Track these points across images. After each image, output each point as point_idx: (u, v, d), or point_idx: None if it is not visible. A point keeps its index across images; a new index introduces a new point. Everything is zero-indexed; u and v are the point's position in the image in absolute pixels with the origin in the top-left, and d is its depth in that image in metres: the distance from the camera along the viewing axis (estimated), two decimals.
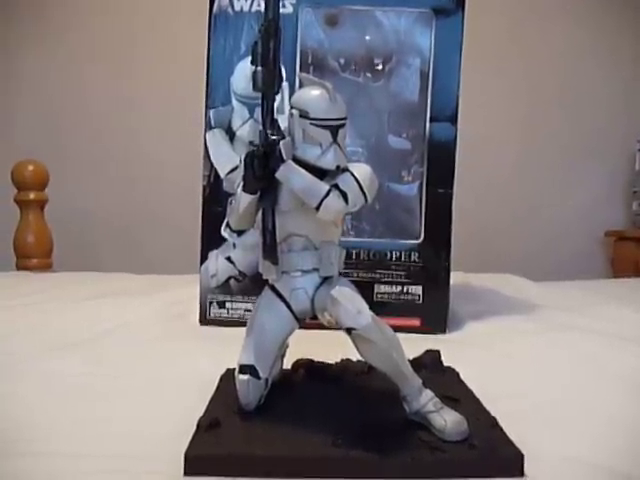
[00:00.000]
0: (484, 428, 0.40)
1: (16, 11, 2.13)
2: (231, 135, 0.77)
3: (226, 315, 0.78)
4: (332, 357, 0.52)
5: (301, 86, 0.44)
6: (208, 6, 0.78)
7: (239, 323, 0.71)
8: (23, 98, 2.17)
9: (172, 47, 2.09)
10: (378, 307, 0.42)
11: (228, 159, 0.76)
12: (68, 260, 1.54)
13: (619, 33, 2.15)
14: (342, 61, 0.78)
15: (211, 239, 0.78)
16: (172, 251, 1.83)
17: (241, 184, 0.42)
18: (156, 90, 2.14)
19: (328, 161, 0.41)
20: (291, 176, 0.41)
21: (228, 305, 0.78)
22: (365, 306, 0.41)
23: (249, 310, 0.75)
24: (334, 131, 0.41)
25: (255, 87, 0.42)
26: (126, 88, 2.15)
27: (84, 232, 2.11)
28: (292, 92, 0.72)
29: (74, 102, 2.15)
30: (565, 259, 2.10)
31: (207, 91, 0.78)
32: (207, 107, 0.78)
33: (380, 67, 0.78)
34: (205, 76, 0.78)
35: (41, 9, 2.14)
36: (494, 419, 0.42)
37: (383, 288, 0.77)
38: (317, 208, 0.40)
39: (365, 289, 0.49)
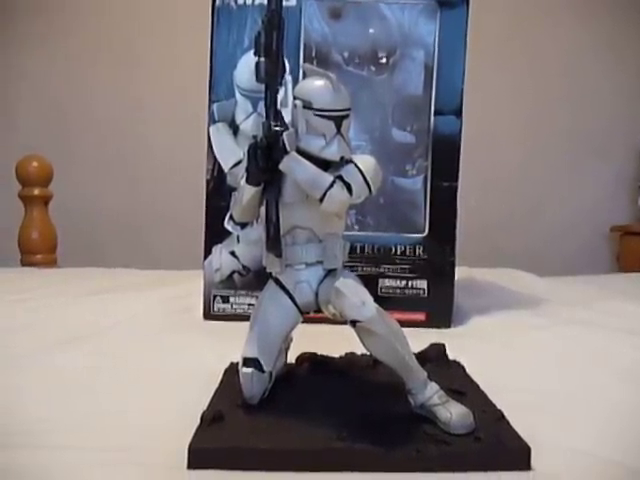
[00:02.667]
0: (490, 421, 0.40)
1: (19, 12, 2.13)
2: (234, 129, 0.77)
3: (230, 310, 0.78)
4: (336, 351, 0.52)
5: (305, 77, 0.44)
6: (211, 0, 0.77)
7: (243, 318, 0.70)
8: (28, 96, 2.18)
9: (175, 41, 2.09)
10: (383, 301, 0.42)
11: (232, 153, 0.76)
12: (72, 256, 1.55)
13: (624, 30, 2.14)
14: (346, 54, 0.77)
15: (215, 233, 0.77)
16: (176, 246, 1.83)
17: (244, 176, 0.42)
18: (159, 85, 2.14)
19: (332, 152, 0.41)
20: (295, 167, 0.40)
21: (232, 300, 0.78)
22: (369, 298, 0.41)
23: (253, 305, 0.75)
24: (338, 122, 0.41)
25: (258, 78, 0.42)
26: (130, 84, 2.15)
27: (88, 228, 2.11)
28: (296, 85, 0.71)
29: (77, 98, 2.15)
30: (571, 254, 2.09)
31: (210, 85, 0.77)
32: (210, 101, 0.77)
33: (384, 60, 0.77)
34: (208, 70, 0.77)
35: (44, 7, 2.14)
36: (500, 412, 0.41)
37: (388, 282, 0.77)
38: (321, 199, 0.40)
39: (370, 283, 0.48)
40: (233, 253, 0.77)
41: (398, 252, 0.77)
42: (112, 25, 2.15)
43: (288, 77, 0.73)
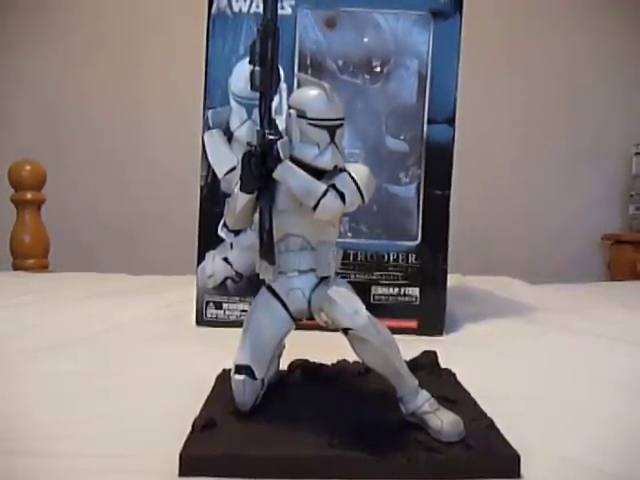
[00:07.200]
0: (480, 429, 0.40)
1: (15, 12, 2.13)
2: (229, 136, 0.77)
3: (222, 316, 0.78)
4: (328, 358, 0.52)
5: (299, 86, 0.44)
6: (207, 7, 0.78)
7: (236, 324, 0.71)
8: (21, 99, 2.17)
9: (171, 47, 2.10)
10: (375, 309, 0.42)
11: (226, 159, 0.76)
12: (65, 261, 1.54)
13: (617, 37, 2.16)
14: (340, 63, 0.78)
15: (208, 240, 0.77)
16: (170, 252, 1.83)
17: (238, 183, 0.42)
18: (155, 90, 2.14)
19: (325, 161, 0.41)
20: (288, 176, 0.41)
21: (225, 306, 0.78)
22: (362, 306, 0.41)
23: (245, 311, 0.75)
24: (332, 131, 0.41)
25: (253, 87, 0.42)
26: (124, 89, 2.15)
27: (81, 232, 2.10)
28: (290, 94, 0.72)
29: (72, 102, 2.15)
30: (562, 262, 2.10)
31: (205, 92, 0.78)
32: (205, 108, 0.78)
33: (378, 69, 0.78)
34: (204, 77, 0.78)
35: (39, 10, 2.14)
36: (490, 420, 0.42)
37: (380, 290, 0.77)
38: (314, 208, 0.40)
39: (362, 290, 0.49)
40: (226, 259, 0.77)
41: (391, 259, 0.77)
42: (108, 29, 2.15)
43: (283, 85, 0.74)
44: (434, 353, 0.54)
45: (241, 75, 0.76)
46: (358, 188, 0.41)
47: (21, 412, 0.47)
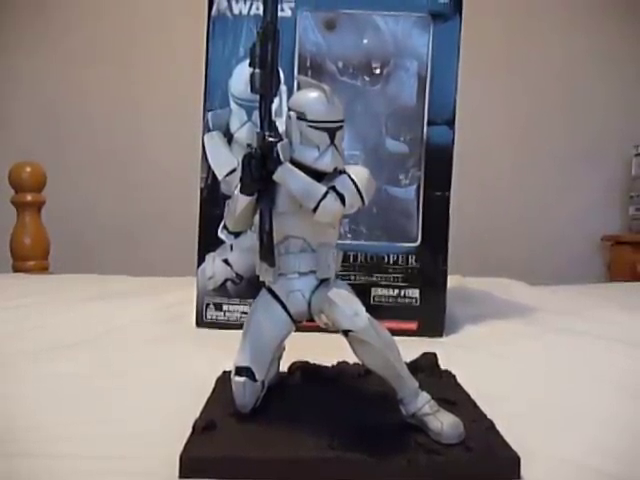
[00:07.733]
0: (481, 431, 0.40)
1: (14, 12, 2.13)
2: (229, 138, 0.77)
3: (223, 318, 0.78)
4: (329, 360, 0.52)
5: (299, 88, 0.44)
6: (207, 9, 0.78)
7: (236, 325, 0.71)
8: (21, 99, 2.17)
9: (171, 49, 2.10)
10: (375, 310, 0.42)
11: (226, 161, 0.76)
12: (65, 262, 1.54)
13: (617, 38, 2.17)
14: (340, 65, 0.78)
15: (208, 241, 0.78)
16: (170, 253, 1.83)
17: (238, 186, 0.42)
18: (155, 92, 2.14)
19: (325, 163, 0.41)
20: (288, 178, 0.41)
21: (225, 307, 0.78)
22: (362, 308, 0.41)
23: (246, 313, 0.75)
24: (332, 133, 0.41)
25: (253, 89, 0.42)
26: (124, 90, 2.15)
27: (82, 234, 2.11)
28: (290, 96, 0.72)
29: (72, 103, 2.15)
30: (562, 263, 2.11)
31: (205, 94, 0.78)
32: (205, 110, 0.78)
33: (378, 71, 0.78)
34: (203, 79, 0.78)
35: (39, 10, 2.15)
36: (491, 422, 0.42)
37: (380, 291, 0.77)
38: (314, 210, 0.40)
39: (362, 292, 0.49)
40: (226, 261, 0.77)
41: (391, 261, 0.77)
42: (108, 29, 2.16)
43: (283, 87, 0.74)
44: (434, 355, 0.54)
45: (241, 77, 0.76)
46: (358, 190, 0.41)
47: (21, 414, 0.47)
